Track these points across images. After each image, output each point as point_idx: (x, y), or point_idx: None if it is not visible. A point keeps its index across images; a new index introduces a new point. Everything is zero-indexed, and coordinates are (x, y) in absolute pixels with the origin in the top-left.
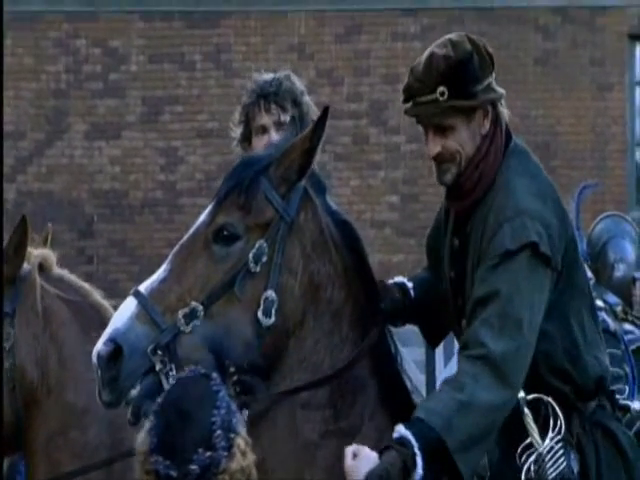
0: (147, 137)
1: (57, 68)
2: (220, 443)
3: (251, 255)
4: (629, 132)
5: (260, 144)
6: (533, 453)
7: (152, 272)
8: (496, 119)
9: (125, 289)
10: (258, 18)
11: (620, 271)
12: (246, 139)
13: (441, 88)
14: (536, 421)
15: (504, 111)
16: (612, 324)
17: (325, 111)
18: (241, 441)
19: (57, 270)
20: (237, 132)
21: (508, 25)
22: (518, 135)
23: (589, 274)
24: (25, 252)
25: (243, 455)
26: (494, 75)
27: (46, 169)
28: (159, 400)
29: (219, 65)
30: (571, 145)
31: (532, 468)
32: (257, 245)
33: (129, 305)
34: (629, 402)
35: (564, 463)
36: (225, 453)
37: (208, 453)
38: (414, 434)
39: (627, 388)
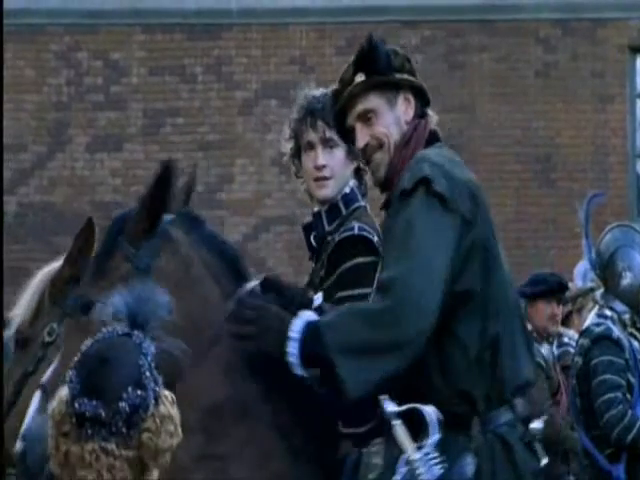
0: (148, 149)
1: (58, 81)
2: (150, 384)
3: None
4: (630, 144)
5: (308, 160)
6: (407, 464)
7: None
8: (421, 114)
9: None
10: (259, 30)
11: (627, 279)
12: (296, 155)
13: (358, 75)
14: (417, 431)
15: (433, 116)
16: (616, 332)
17: (166, 170)
18: (167, 394)
19: None
20: (287, 147)
21: (509, 37)
22: (519, 147)
23: (598, 283)
24: (90, 254)
25: (171, 405)
26: (416, 79)
27: (47, 181)
28: (77, 358)
29: (220, 77)
30: (572, 157)
31: (405, 477)
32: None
33: (35, 400)
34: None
35: (440, 470)
36: (153, 398)
37: (138, 392)
38: (297, 323)
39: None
